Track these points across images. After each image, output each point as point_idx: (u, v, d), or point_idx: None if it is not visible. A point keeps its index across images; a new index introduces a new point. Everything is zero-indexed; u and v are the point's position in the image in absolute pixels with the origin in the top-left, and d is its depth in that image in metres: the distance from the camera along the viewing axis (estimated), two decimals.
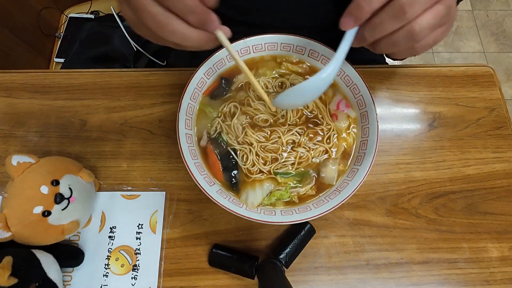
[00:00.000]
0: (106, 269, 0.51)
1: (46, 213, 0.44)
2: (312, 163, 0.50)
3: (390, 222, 0.54)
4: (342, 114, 0.53)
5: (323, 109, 0.53)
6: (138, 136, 0.58)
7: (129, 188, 0.55)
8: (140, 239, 0.52)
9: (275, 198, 0.49)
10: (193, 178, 0.46)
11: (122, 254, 0.51)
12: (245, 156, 0.50)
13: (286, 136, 0.51)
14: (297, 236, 0.50)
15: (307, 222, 0.51)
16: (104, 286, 0.50)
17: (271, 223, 0.45)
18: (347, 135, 0.52)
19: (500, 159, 0.58)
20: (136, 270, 0.51)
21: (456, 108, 0.61)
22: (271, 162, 0.50)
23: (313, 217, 0.45)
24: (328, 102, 0.54)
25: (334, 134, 0.52)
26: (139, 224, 0.53)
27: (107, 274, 0.51)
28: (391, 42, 0.39)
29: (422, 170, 0.57)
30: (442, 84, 0.63)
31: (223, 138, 0.51)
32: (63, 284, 0.49)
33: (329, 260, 0.52)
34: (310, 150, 0.51)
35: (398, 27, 0.37)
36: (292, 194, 0.49)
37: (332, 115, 0.53)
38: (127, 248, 0.52)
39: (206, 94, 0.54)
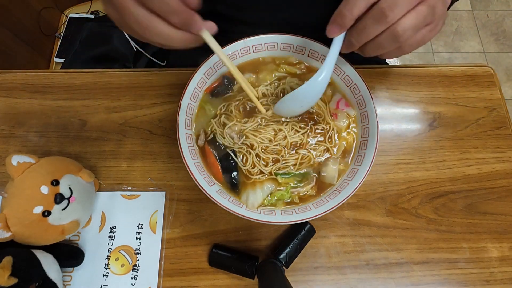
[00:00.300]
0: (106, 269, 0.51)
1: (46, 213, 0.44)
2: (314, 163, 0.50)
3: (390, 222, 0.54)
4: (342, 113, 0.53)
5: (324, 107, 0.53)
6: (138, 136, 0.58)
7: (129, 188, 0.55)
8: (140, 239, 0.52)
9: (276, 199, 0.48)
10: (193, 178, 0.46)
11: (122, 254, 0.51)
12: (244, 157, 0.50)
13: (292, 137, 0.51)
14: (297, 236, 0.50)
15: (307, 222, 0.51)
16: (104, 286, 0.50)
17: (271, 223, 0.45)
18: (347, 134, 0.52)
19: (500, 159, 0.58)
20: (136, 270, 0.51)
21: (456, 108, 0.61)
22: (273, 164, 0.50)
23: (313, 217, 0.45)
24: (327, 101, 0.54)
25: (335, 134, 0.52)
26: (139, 224, 0.53)
27: (107, 274, 0.51)
28: (377, 45, 0.40)
29: (422, 170, 0.57)
30: (442, 84, 0.63)
31: (221, 141, 0.51)
32: (63, 284, 0.49)
33: (329, 260, 0.52)
34: (312, 150, 0.51)
35: (381, 30, 0.38)
36: (293, 194, 0.49)
37: (332, 114, 0.53)
38: (127, 248, 0.52)
39: (207, 91, 0.54)
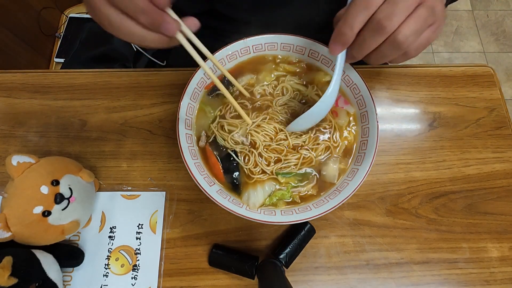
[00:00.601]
0: (106, 269, 0.51)
1: (46, 213, 0.44)
2: (315, 162, 0.50)
3: (390, 222, 0.54)
4: (342, 111, 0.53)
5: None
6: (138, 136, 0.58)
7: (129, 188, 0.55)
8: (140, 239, 0.52)
9: (277, 198, 0.48)
10: (193, 178, 0.46)
11: (122, 254, 0.51)
12: (246, 157, 0.50)
13: (294, 140, 0.51)
14: (297, 236, 0.50)
15: (307, 222, 0.51)
16: (104, 286, 0.50)
17: (271, 223, 0.45)
18: (348, 133, 0.52)
19: (500, 159, 0.58)
20: (136, 270, 0.51)
21: (456, 108, 0.61)
22: (274, 163, 0.50)
23: (313, 217, 0.45)
24: None
25: (337, 132, 0.52)
26: (139, 224, 0.53)
27: (107, 274, 0.50)
28: (380, 54, 0.40)
29: (422, 170, 0.57)
30: (442, 84, 0.63)
31: (221, 143, 0.51)
32: (63, 284, 0.49)
33: (329, 260, 0.52)
34: (313, 150, 0.51)
35: (381, 41, 0.38)
36: (293, 194, 0.49)
37: (332, 112, 0.53)
38: (127, 248, 0.52)
39: (207, 89, 0.54)
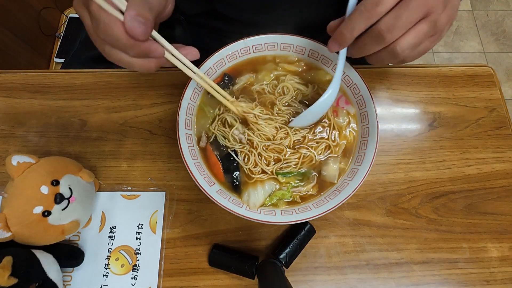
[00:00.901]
0: (106, 269, 0.51)
1: (46, 213, 0.44)
2: (315, 162, 0.50)
3: (390, 222, 0.54)
4: (342, 110, 0.53)
5: None
6: (138, 136, 0.58)
7: (129, 188, 0.55)
8: (140, 239, 0.52)
9: (277, 198, 0.48)
10: (193, 178, 0.46)
11: (122, 254, 0.51)
12: (246, 156, 0.50)
13: (294, 136, 0.51)
14: (297, 236, 0.50)
15: (307, 222, 0.51)
16: (104, 286, 0.50)
17: (271, 223, 0.45)
18: (348, 133, 0.52)
19: (500, 159, 0.58)
20: (136, 270, 0.51)
21: (456, 108, 0.61)
22: (274, 163, 0.50)
23: (313, 217, 0.45)
24: None
25: (336, 131, 0.52)
26: (139, 224, 0.53)
27: (107, 274, 0.50)
28: (378, 59, 0.42)
29: (422, 170, 0.57)
30: (442, 84, 0.63)
31: (222, 142, 0.51)
32: (63, 284, 0.49)
33: (329, 260, 0.52)
34: (313, 148, 0.51)
35: (379, 49, 0.40)
36: (294, 194, 0.49)
37: (332, 111, 0.53)
38: (127, 248, 0.52)
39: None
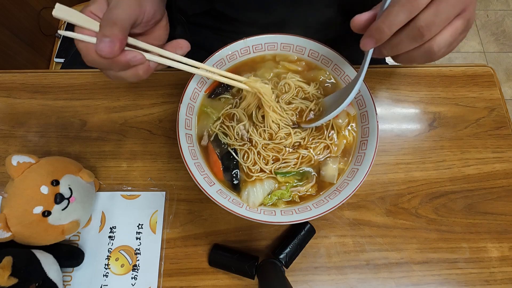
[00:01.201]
0: (106, 269, 0.51)
1: (46, 213, 0.44)
2: (314, 162, 0.50)
3: (390, 222, 0.54)
4: (342, 111, 0.52)
5: None
6: (138, 136, 0.58)
7: (129, 188, 0.55)
8: (140, 239, 0.52)
9: (276, 198, 0.48)
10: (193, 178, 0.46)
11: (122, 254, 0.51)
12: (246, 154, 0.50)
13: (295, 137, 0.51)
14: (297, 236, 0.50)
15: (307, 222, 0.51)
16: (104, 286, 0.50)
17: (271, 223, 0.45)
18: (348, 133, 0.52)
19: (500, 159, 0.58)
20: (136, 270, 0.51)
21: (456, 108, 0.61)
22: (273, 162, 0.50)
23: (313, 217, 0.45)
24: None
25: (333, 131, 0.52)
26: (139, 224, 0.53)
27: (107, 274, 0.50)
28: (409, 58, 0.40)
29: (422, 170, 0.57)
30: (442, 84, 0.63)
31: (223, 140, 0.51)
32: (63, 284, 0.49)
33: (329, 260, 0.52)
34: (311, 149, 0.50)
35: (415, 46, 0.38)
36: (293, 194, 0.49)
37: None
38: (127, 248, 0.52)
39: (207, 92, 0.54)
